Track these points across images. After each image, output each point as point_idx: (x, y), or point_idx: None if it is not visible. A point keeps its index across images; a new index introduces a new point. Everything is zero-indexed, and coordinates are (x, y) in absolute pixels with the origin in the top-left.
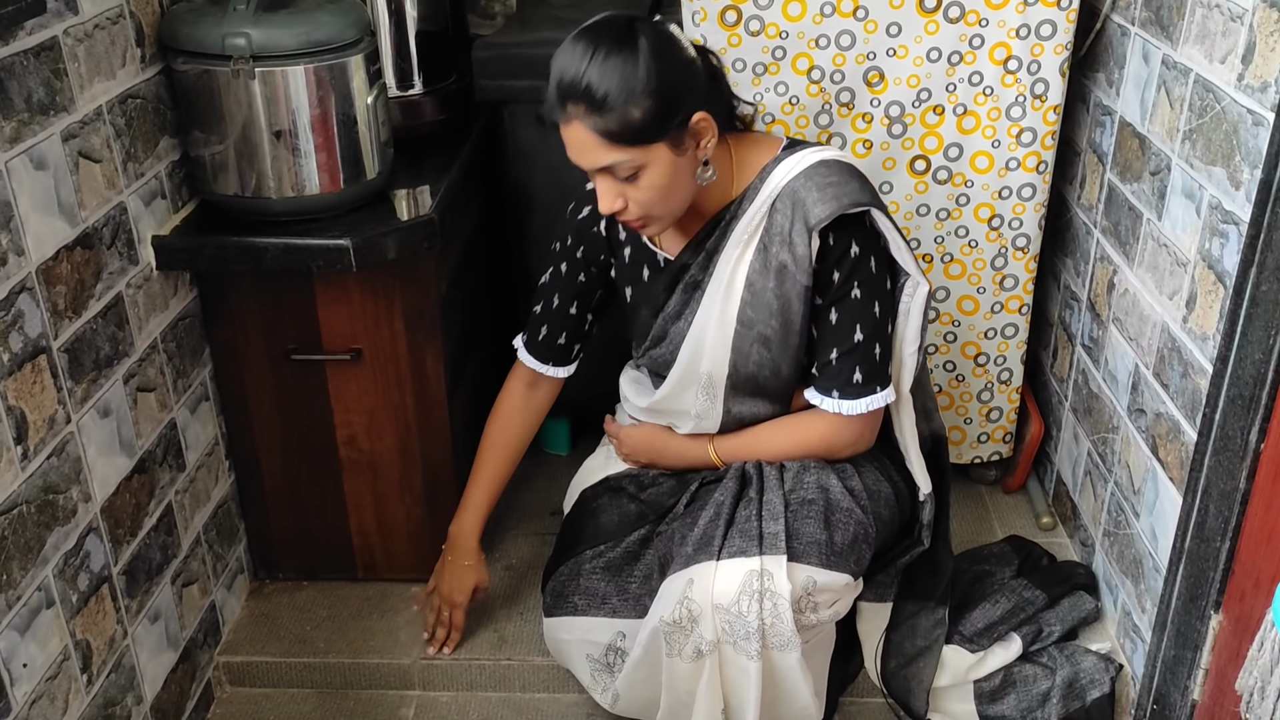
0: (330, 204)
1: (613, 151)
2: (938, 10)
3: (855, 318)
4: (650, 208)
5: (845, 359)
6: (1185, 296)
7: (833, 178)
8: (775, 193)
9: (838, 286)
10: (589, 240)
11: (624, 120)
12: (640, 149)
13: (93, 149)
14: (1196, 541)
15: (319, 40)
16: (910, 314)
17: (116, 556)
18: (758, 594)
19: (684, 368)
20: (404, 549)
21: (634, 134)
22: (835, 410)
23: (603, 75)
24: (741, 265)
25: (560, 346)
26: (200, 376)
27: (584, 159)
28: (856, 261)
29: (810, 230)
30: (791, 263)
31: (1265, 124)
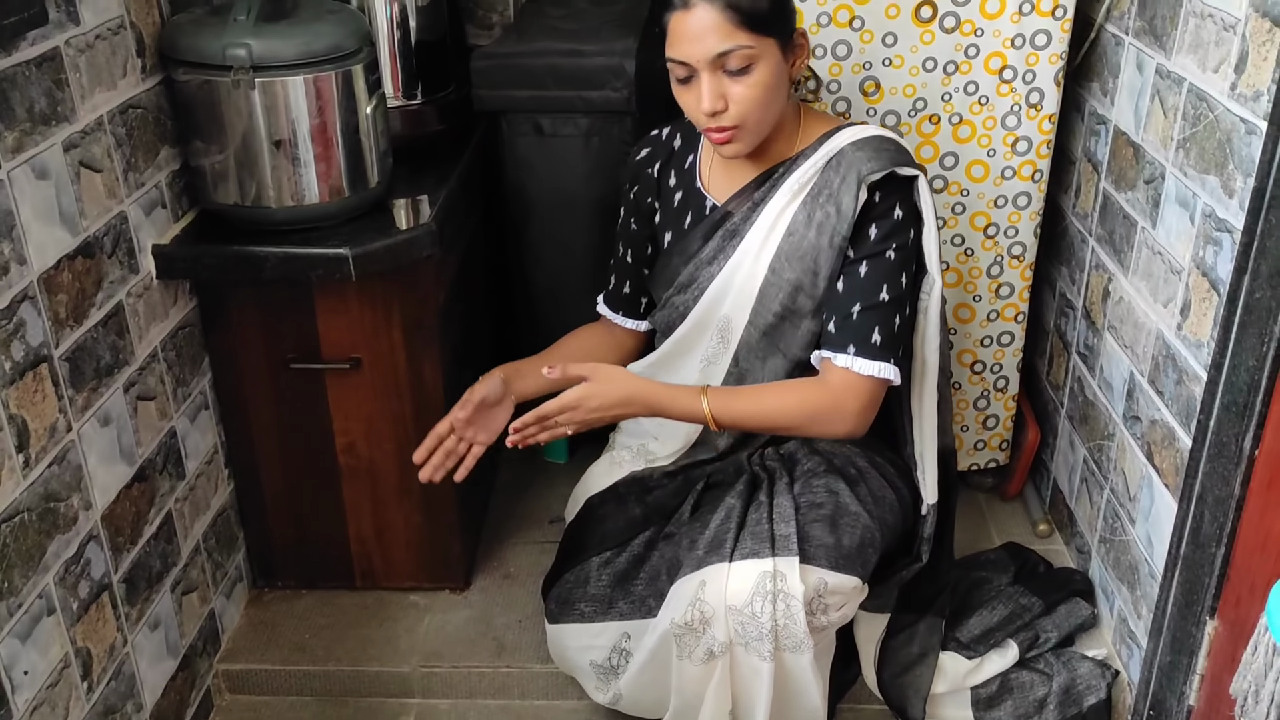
0: (330, 213)
1: (736, 34)
2: (933, 20)
3: (883, 277)
4: (748, 111)
5: (867, 315)
6: (1180, 304)
7: (889, 146)
8: (832, 153)
9: (874, 243)
10: (643, 181)
11: (754, 3)
12: (760, 39)
13: (94, 158)
14: (1192, 548)
15: (318, 51)
16: (929, 312)
17: (117, 564)
18: (771, 595)
19: (706, 308)
20: (402, 557)
21: (758, 21)
22: (846, 366)
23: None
24: (786, 214)
25: (626, 296)
26: (200, 385)
27: (700, 45)
28: (896, 225)
29: (861, 181)
30: (835, 214)
31: (1258, 132)
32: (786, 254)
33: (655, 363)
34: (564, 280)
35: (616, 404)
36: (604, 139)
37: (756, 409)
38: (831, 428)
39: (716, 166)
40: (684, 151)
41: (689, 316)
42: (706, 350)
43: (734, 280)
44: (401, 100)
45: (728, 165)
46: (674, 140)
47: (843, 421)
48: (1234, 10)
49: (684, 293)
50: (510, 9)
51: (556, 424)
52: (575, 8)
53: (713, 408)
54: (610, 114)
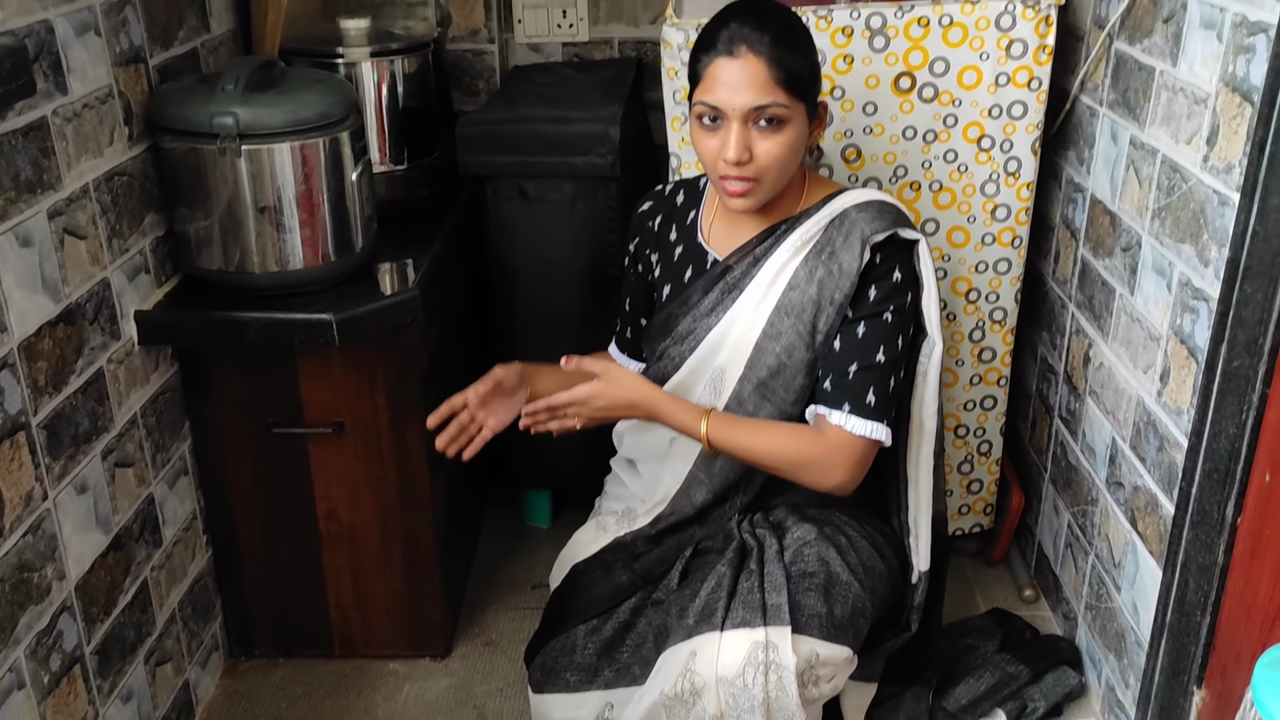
0: (314, 278)
1: (776, 91)
2: (912, 91)
3: (881, 339)
4: (768, 167)
5: (863, 375)
6: (1159, 371)
7: (891, 210)
8: (835, 213)
9: (873, 304)
10: (644, 233)
11: (797, 66)
12: (795, 100)
13: (78, 226)
14: (1177, 616)
15: (305, 119)
16: (928, 375)
17: (89, 635)
18: (763, 666)
19: (701, 358)
20: (382, 625)
21: (797, 83)
22: (840, 424)
23: (784, 23)
24: (788, 269)
25: (629, 341)
26: (179, 451)
27: (738, 95)
28: (896, 287)
29: (864, 241)
30: (837, 272)
31: (1231, 204)
32: (785, 308)
33: None
34: (548, 346)
35: (623, 405)
36: (589, 204)
37: (752, 442)
38: (819, 479)
39: (719, 222)
40: (686, 207)
41: (684, 366)
42: (699, 401)
43: (731, 332)
44: (388, 165)
45: (730, 221)
46: (676, 196)
47: (831, 476)
48: (1204, 85)
49: (681, 344)
50: (496, 77)
51: (565, 415)
52: (560, 75)
53: (711, 429)
54: (595, 179)
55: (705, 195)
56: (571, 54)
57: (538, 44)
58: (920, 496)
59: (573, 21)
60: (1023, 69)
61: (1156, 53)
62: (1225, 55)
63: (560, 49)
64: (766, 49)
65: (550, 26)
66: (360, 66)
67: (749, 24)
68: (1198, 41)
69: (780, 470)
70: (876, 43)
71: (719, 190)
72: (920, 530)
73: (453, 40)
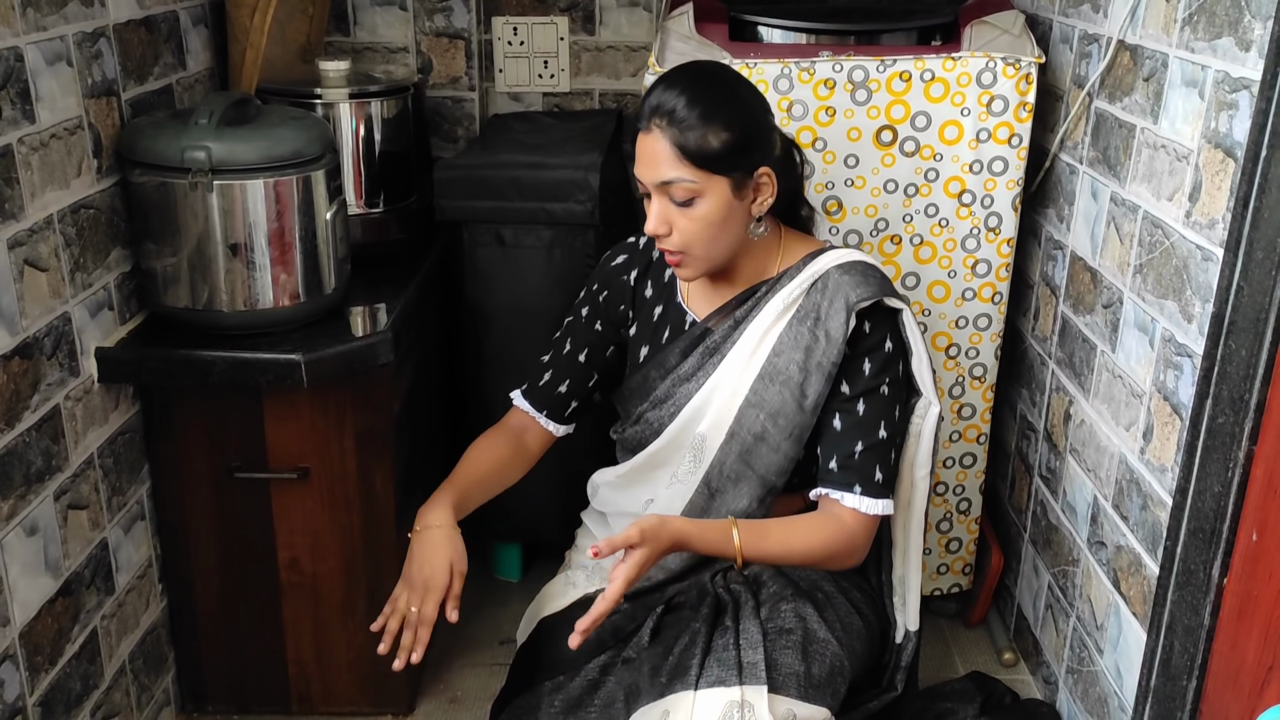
0: (284, 319)
1: (680, 167)
2: (893, 144)
3: (880, 414)
4: (692, 241)
5: (869, 454)
6: (1142, 428)
7: (875, 274)
8: (816, 275)
9: (869, 378)
10: (615, 287)
11: (700, 141)
12: (704, 174)
13: (40, 257)
14: (1162, 680)
15: (280, 156)
16: (922, 436)
17: (33, 686)
18: None
19: (681, 425)
20: (343, 680)
21: (703, 158)
22: (855, 507)
23: (695, 96)
24: (771, 335)
25: (559, 395)
26: (137, 494)
27: (650, 170)
28: (888, 358)
29: (850, 309)
30: (823, 339)
31: (1214, 259)
32: (770, 375)
33: (624, 475)
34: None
35: (665, 552)
36: (566, 252)
37: (783, 548)
38: (845, 564)
39: (698, 282)
40: (662, 264)
41: (664, 433)
42: (677, 469)
43: (713, 399)
44: (363, 208)
45: (710, 282)
46: (651, 251)
47: (853, 557)
48: (1186, 142)
49: (659, 408)
50: (476, 124)
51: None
52: (540, 123)
53: (743, 542)
54: (573, 227)
55: None
56: (552, 104)
57: (518, 93)
58: (910, 557)
59: (554, 72)
60: (1003, 125)
61: (1137, 110)
62: (1208, 112)
63: (541, 99)
64: (670, 124)
65: (531, 76)
66: (338, 108)
67: (661, 96)
68: (1179, 99)
69: (810, 564)
70: (859, 96)
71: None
72: (910, 589)
73: (433, 87)
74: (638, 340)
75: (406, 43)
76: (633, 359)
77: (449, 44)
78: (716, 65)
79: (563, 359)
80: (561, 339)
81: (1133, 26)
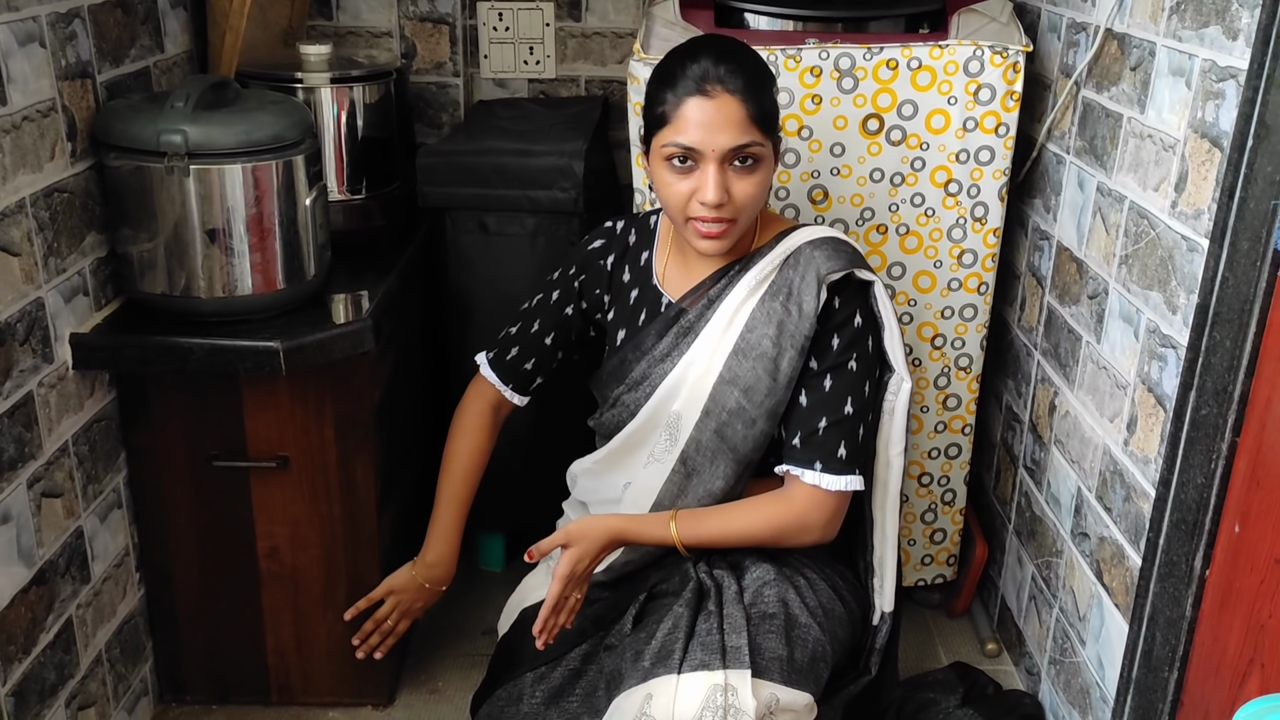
0: (263, 306)
1: (753, 130)
2: (880, 133)
3: (847, 390)
4: (746, 207)
5: (833, 430)
6: (1126, 419)
7: (846, 249)
8: (789, 251)
9: (836, 353)
10: (592, 271)
11: (769, 105)
12: (769, 138)
13: (11, 242)
14: (1144, 671)
15: (258, 140)
16: (895, 413)
17: (5, 676)
18: (721, 710)
19: (657, 404)
20: (323, 670)
21: (769, 121)
22: (815, 484)
23: (758, 65)
24: (744, 311)
25: (525, 372)
26: (114, 482)
27: (718, 135)
28: (857, 333)
29: (820, 281)
30: (795, 313)
31: (1200, 250)
32: (743, 350)
33: (601, 459)
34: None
35: (601, 549)
36: (550, 239)
37: (722, 530)
38: (800, 540)
39: (673, 263)
40: (638, 248)
41: (639, 414)
42: (654, 448)
43: (687, 376)
44: (345, 195)
45: (685, 262)
46: (629, 235)
47: (810, 534)
48: (1173, 131)
49: (635, 390)
50: (460, 111)
51: (568, 599)
52: (525, 110)
53: (680, 531)
54: (557, 215)
55: (658, 235)
56: (537, 90)
57: (503, 79)
58: (886, 536)
59: (539, 59)
60: (990, 114)
61: (1124, 100)
62: (1194, 101)
63: (526, 85)
64: (742, 88)
65: (516, 63)
66: (319, 93)
67: (724, 63)
68: (1166, 88)
69: (760, 545)
70: (845, 84)
71: (686, 233)
72: (886, 570)
73: (417, 72)
74: (615, 324)
75: (390, 27)
76: (610, 343)
77: (433, 29)
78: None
79: (530, 338)
80: (530, 316)
81: (1120, 15)
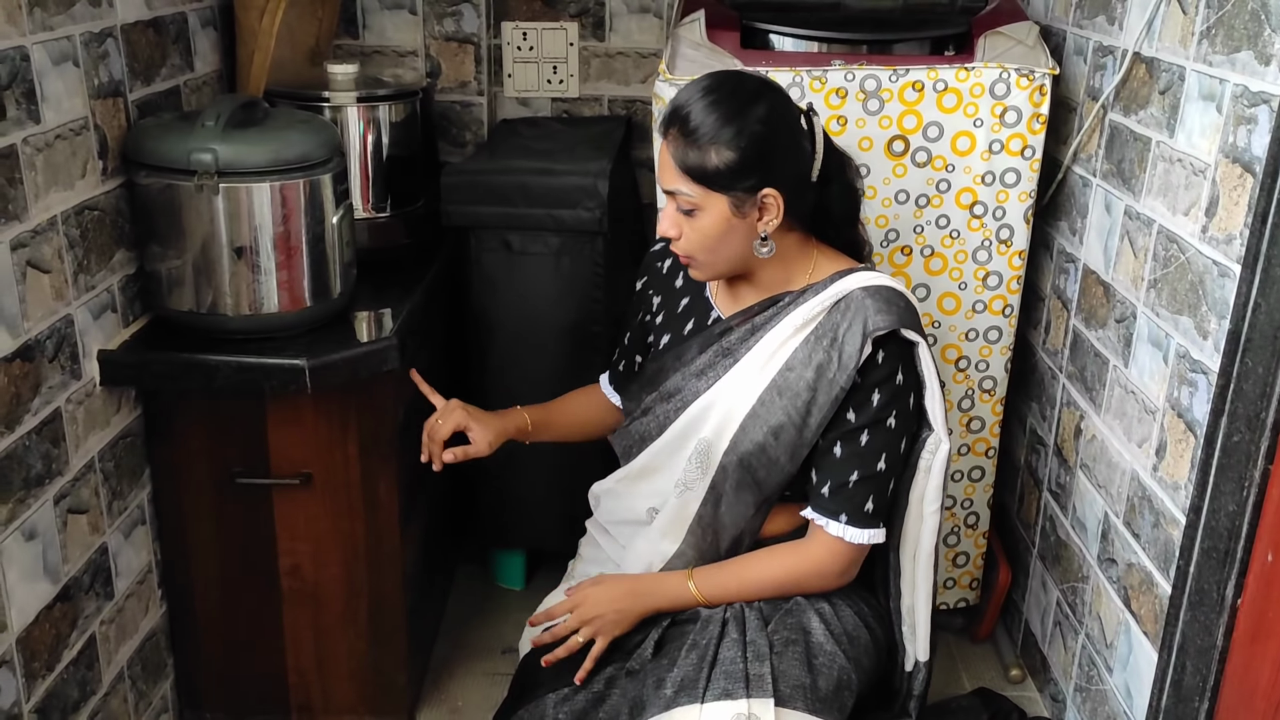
0: (289, 323)
1: (679, 180)
2: (905, 155)
3: (884, 447)
4: (695, 249)
5: (863, 485)
6: (1155, 445)
7: (900, 301)
8: (840, 294)
9: (877, 409)
10: (651, 273)
11: (700, 159)
12: (701, 190)
13: (43, 259)
14: (1174, 701)
15: (286, 159)
16: (932, 471)
17: (30, 692)
18: None
19: (686, 424)
20: (343, 688)
21: (701, 175)
22: (838, 535)
23: (705, 113)
24: (786, 348)
25: (623, 375)
26: (138, 499)
27: (661, 176)
28: (898, 390)
29: (866, 335)
30: (836, 361)
31: (1231, 275)
32: (779, 387)
33: (623, 479)
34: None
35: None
36: (574, 259)
37: (740, 584)
38: (818, 587)
39: (724, 284)
40: None
41: (668, 430)
42: (684, 475)
43: (719, 402)
44: (370, 213)
45: (735, 285)
46: None
47: (828, 581)
48: (1203, 155)
49: (668, 402)
50: (484, 129)
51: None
52: (549, 129)
53: (700, 588)
54: (581, 234)
55: None
56: (561, 110)
57: (527, 98)
58: (918, 585)
59: (563, 78)
60: (1016, 137)
61: (1153, 124)
62: (1225, 126)
63: (549, 104)
64: (676, 137)
65: (540, 82)
66: (346, 111)
67: (676, 106)
68: (1196, 112)
69: (780, 595)
70: (870, 105)
71: None
72: (919, 619)
73: (441, 91)
74: (661, 328)
75: (416, 46)
76: (654, 345)
77: (458, 48)
78: (747, 79)
79: (624, 345)
80: (625, 325)
81: (1149, 39)
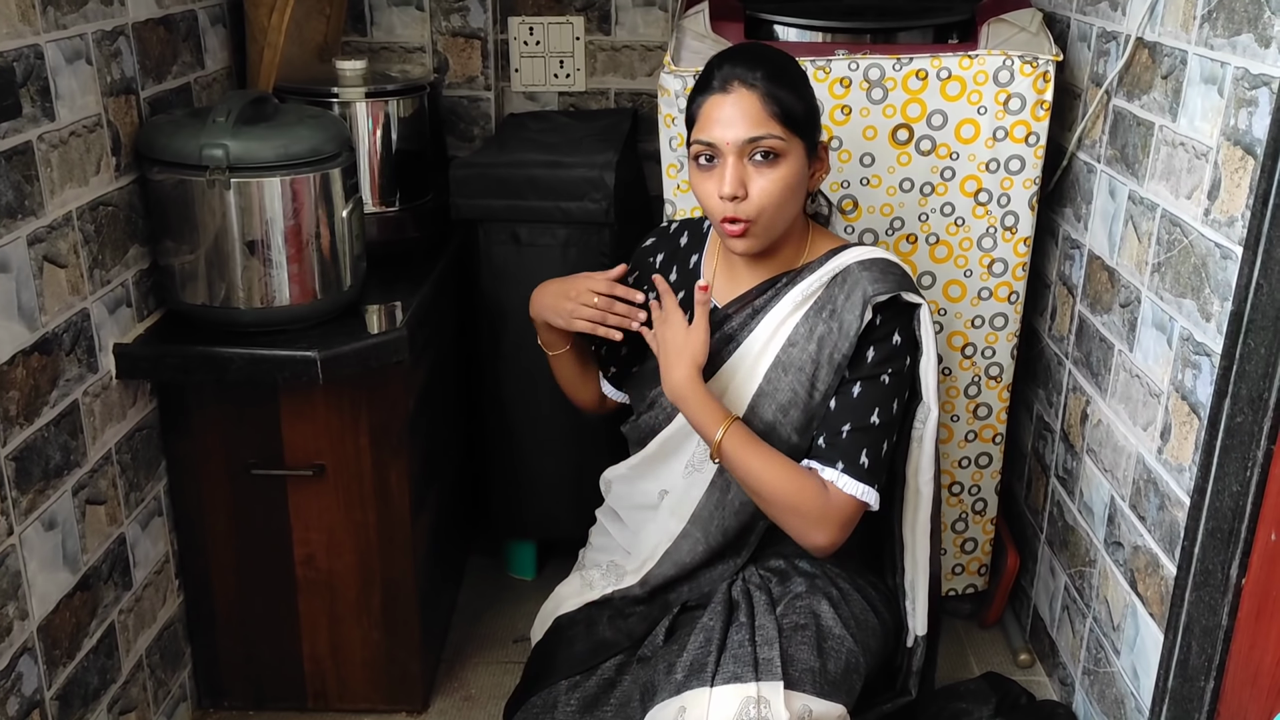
0: (300, 316)
1: (770, 123)
2: (910, 143)
3: (876, 401)
4: (765, 205)
5: (857, 436)
6: (1160, 428)
7: (895, 270)
8: (838, 269)
9: (870, 365)
10: (643, 268)
11: (791, 100)
12: (789, 133)
13: (59, 254)
14: (1180, 681)
15: (297, 154)
16: (924, 441)
17: (51, 679)
18: None
19: None
20: (358, 676)
21: (792, 118)
22: (833, 481)
23: (785, 64)
24: (787, 325)
25: (616, 377)
26: (154, 490)
27: (733, 129)
28: (894, 350)
29: (866, 301)
30: (837, 331)
31: (1233, 257)
32: (784, 364)
33: (636, 465)
34: (536, 395)
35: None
36: (582, 250)
37: (761, 466)
38: (804, 531)
39: (721, 269)
40: (689, 250)
41: (676, 418)
42: (692, 457)
43: (727, 387)
44: (379, 207)
45: (732, 270)
46: (680, 236)
47: (817, 531)
48: (1205, 139)
49: None
50: (491, 124)
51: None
52: (556, 123)
53: (727, 439)
54: (588, 226)
55: (708, 240)
56: (567, 103)
57: (534, 93)
58: (918, 560)
59: (569, 72)
60: (1020, 124)
61: (1155, 108)
62: (1227, 109)
63: (556, 98)
64: (760, 83)
65: (547, 76)
66: (355, 107)
67: (742, 63)
68: (1198, 96)
69: (772, 506)
70: (875, 94)
71: (721, 235)
72: (918, 594)
73: (449, 86)
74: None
75: (423, 42)
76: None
77: (465, 43)
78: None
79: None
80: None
81: (1151, 24)
